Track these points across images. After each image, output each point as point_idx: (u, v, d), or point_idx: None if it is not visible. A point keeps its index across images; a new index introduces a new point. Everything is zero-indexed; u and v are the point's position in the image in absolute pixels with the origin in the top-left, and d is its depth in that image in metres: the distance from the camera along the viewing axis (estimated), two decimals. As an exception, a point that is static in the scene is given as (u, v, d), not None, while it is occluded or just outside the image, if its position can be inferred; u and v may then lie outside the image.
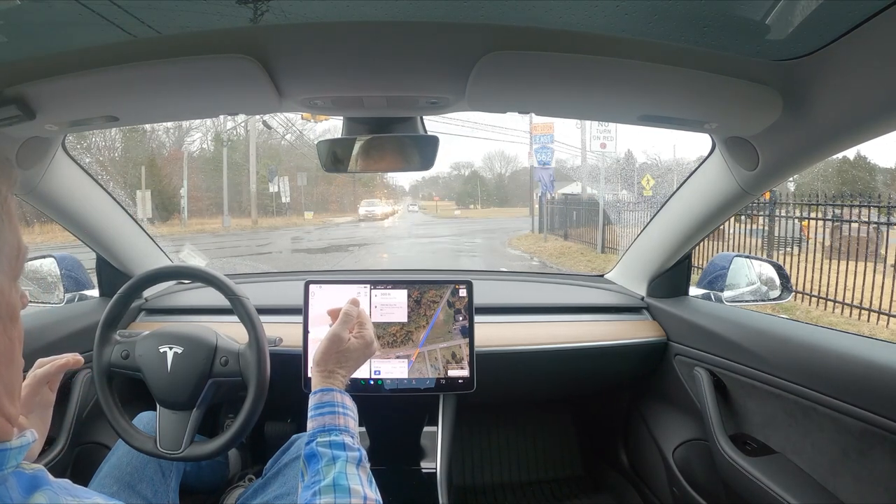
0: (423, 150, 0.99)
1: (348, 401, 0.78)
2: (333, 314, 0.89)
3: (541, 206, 13.81)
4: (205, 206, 17.49)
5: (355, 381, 1.17)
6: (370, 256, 10.99)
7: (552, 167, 12.59)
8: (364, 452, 0.71)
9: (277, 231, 16.10)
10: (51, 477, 0.48)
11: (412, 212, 24.81)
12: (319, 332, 1.19)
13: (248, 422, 0.97)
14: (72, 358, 0.80)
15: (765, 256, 5.76)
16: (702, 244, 6.75)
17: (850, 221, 5.73)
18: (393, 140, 0.99)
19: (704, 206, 1.16)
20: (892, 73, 0.62)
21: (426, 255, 11.43)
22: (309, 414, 0.74)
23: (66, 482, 0.49)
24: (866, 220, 5.43)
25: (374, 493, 0.66)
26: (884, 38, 0.58)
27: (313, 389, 0.77)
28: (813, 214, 6.26)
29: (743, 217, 7.40)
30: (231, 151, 18.46)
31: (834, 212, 6.01)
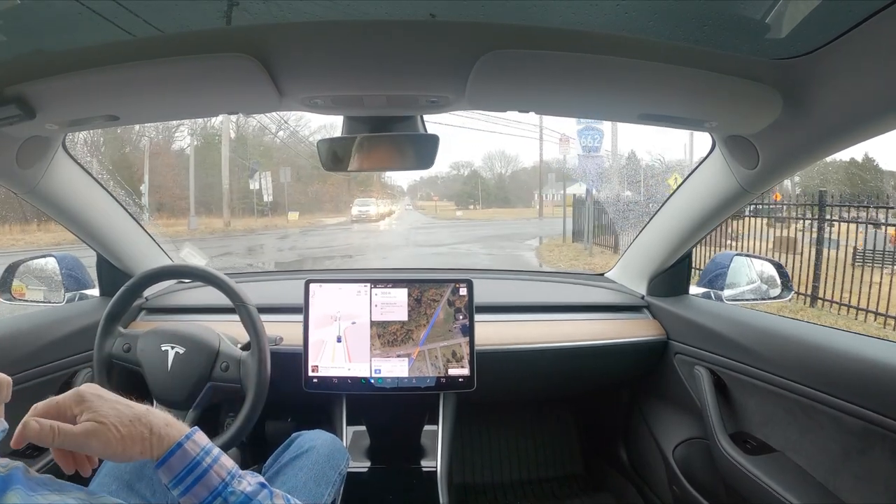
0: (423, 149, 0.99)
1: (199, 437, 0.60)
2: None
3: (575, 207, 10.43)
4: (186, 206, 15.48)
5: (356, 379, 1.17)
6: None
7: (602, 155, 9.19)
8: (265, 482, 0.61)
9: (252, 234, 13.56)
10: (31, 473, 0.46)
11: (408, 209, 24.02)
12: (320, 333, 1.19)
13: (243, 429, 0.98)
14: None
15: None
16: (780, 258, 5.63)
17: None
18: (393, 139, 0.99)
19: (705, 204, 1.16)
20: (892, 72, 0.62)
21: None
22: (175, 494, 0.56)
23: (48, 477, 0.48)
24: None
25: None
26: (883, 37, 0.58)
27: (154, 467, 0.57)
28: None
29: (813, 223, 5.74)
30: (219, 145, 16.83)
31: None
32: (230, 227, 14.56)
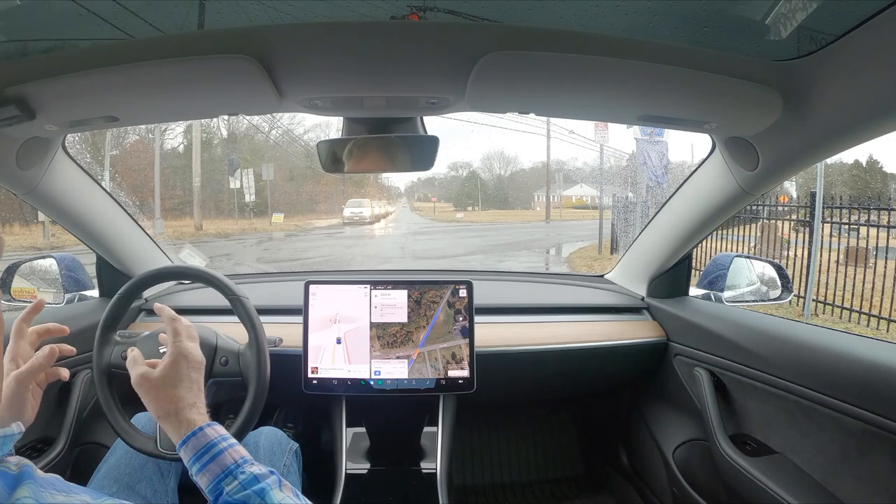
0: (423, 151, 1.00)
1: (219, 427, 0.68)
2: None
3: (616, 211, 8.14)
4: (174, 205, 14.93)
5: (355, 381, 1.17)
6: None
7: (665, 140, 7.07)
8: (275, 471, 0.66)
9: (224, 240, 12.32)
10: (38, 472, 0.47)
11: (404, 209, 23.52)
12: (319, 334, 1.19)
13: (249, 422, 0.97)
14: (49, 354, 0.74)
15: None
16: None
17: None
18: (393, 140, 0.99)
19: (704, 206, 1.17)
20: (892, 74, 0.62)
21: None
22: (192, 472, 0.65)
23: (56, 478, 0.49)
24: None
25: (306, 501, 0.64)
26: (884, 39, 0.59)
27: (176, 444, 0.68)
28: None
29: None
30: (207, 145, 15.66)
31: None
32: (202, 231, 13.18)
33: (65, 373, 0.77)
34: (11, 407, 0.70)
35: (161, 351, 1.02)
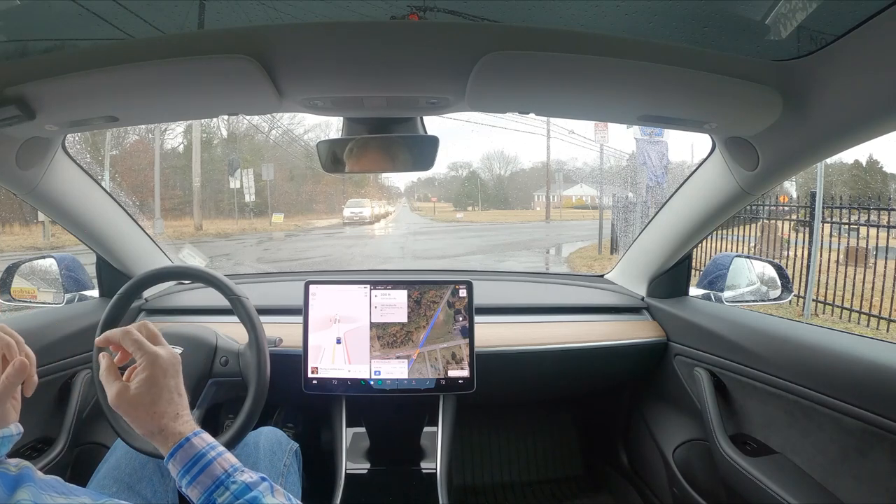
0: (423, 151, 1.00)
1: (206, 436, 0.65)
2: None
3: (616, 211, 8.15)
4: (174, 205, 14.77)
5: (355, 381, 1.17)
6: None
7: (665, 140, 7.09)
8: (267, 477, 0.64)
9: (224, 240, 12.14)
10: (38, 474, 0.47)
11: (404, 208, 23.56)
12: (319, 334, 1.19)
13: (249, 422, 0.97)
14: (20, 368, 0.62)
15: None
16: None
17: None
18: (393, 140, 0.99)
19: (704, 206, 1.17)
20: (892, 74, 0.62)
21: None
22: (182, 485, 0.62)
23: (56, 479, 0.49)
24: None
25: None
26: (884, 39, 0.59)
27: (164, 457, 0.64)
28: None
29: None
30: (207, 145, 15.48)
31: None
32: (202, 231, 12.99)
33: (28, 390, 0.65)
34: None
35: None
